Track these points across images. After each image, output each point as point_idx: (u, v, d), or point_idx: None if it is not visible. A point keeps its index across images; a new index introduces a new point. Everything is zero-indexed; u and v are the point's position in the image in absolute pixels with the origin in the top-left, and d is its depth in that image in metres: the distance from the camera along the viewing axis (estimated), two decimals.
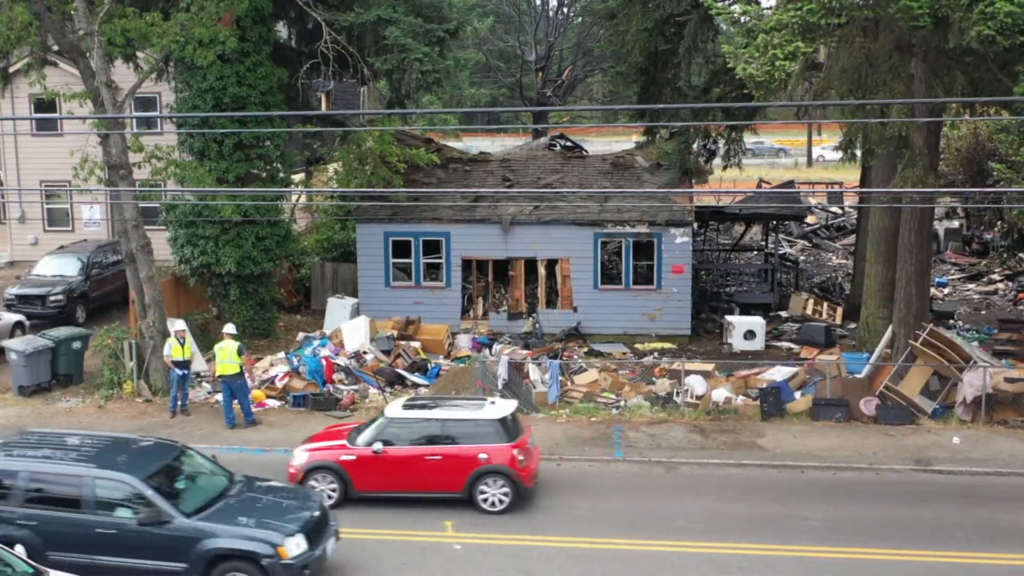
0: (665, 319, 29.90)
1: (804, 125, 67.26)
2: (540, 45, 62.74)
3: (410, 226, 30.47)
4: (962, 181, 40.96)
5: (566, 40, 65.93)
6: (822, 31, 20.60)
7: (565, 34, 65.45)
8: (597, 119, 57.58)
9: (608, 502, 18.90)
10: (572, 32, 66.14)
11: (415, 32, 29.10)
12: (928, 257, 25.76)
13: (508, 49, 68.01)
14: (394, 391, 25.08)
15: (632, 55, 30.62)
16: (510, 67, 68.56)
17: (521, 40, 64.66)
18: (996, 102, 23.50)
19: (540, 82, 62.08)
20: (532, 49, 63.08)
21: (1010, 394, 22.84)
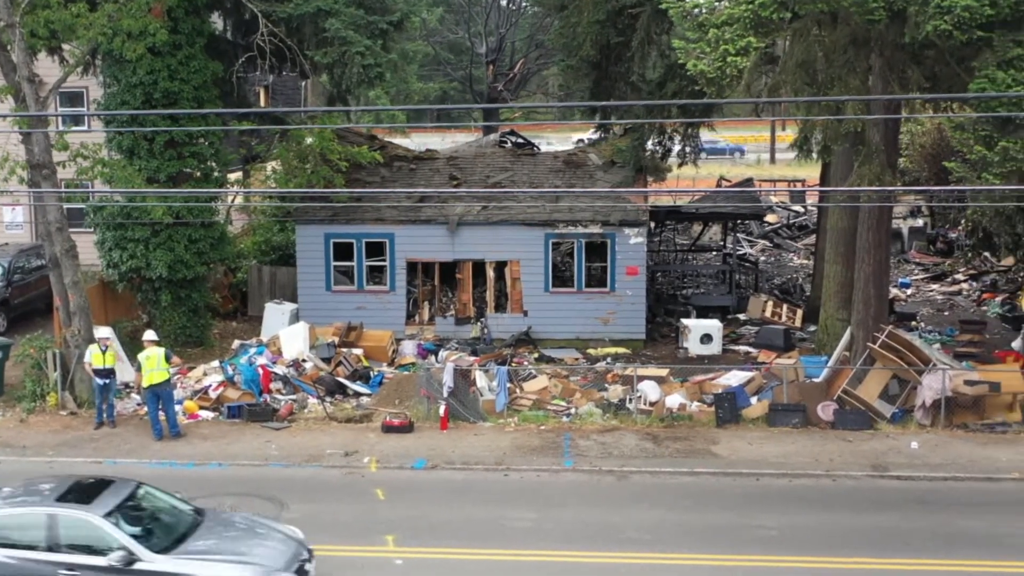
0: (619, 323, 30.22)
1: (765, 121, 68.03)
2: (491, 37, 63.03)
3: (352, 227, 30.55)
4: (926, 178, 41.81)
5: (518, 32, 66.26)
6: (775, 25, 21.00)
7: (517, 26, 65.78)
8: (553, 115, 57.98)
9: (556, 513, 19.13)
10: (525, 24, 66.49)
11: (357, 24, 29.16)
12: (887, 257, 26.29)
13: (458, 41, 68.28)
14: (334, 400, 25.19)
15: (583, 48, 30.93)
16: (460, 60, 68.84)
17: (472, 32, 64.90)
18: (949, 98, 24.06)
19: (491, 76, 62.35)
20: (483, 41, 63.36)
21: (969, 397, 23.39)
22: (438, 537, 18.05)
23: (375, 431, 23.33)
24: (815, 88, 22.66)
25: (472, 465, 21.44)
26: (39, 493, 15.94)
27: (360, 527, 18.45)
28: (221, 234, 30.05)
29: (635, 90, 31.47)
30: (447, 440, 22.78)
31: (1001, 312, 34.17)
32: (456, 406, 23.75)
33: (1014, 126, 20.19)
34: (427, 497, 19.93)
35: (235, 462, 21.72)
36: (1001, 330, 32.07)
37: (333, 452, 22.09)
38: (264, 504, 19.28)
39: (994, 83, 19.89)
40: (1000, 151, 20.11)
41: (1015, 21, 20.42)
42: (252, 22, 29.67)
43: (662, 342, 30.96)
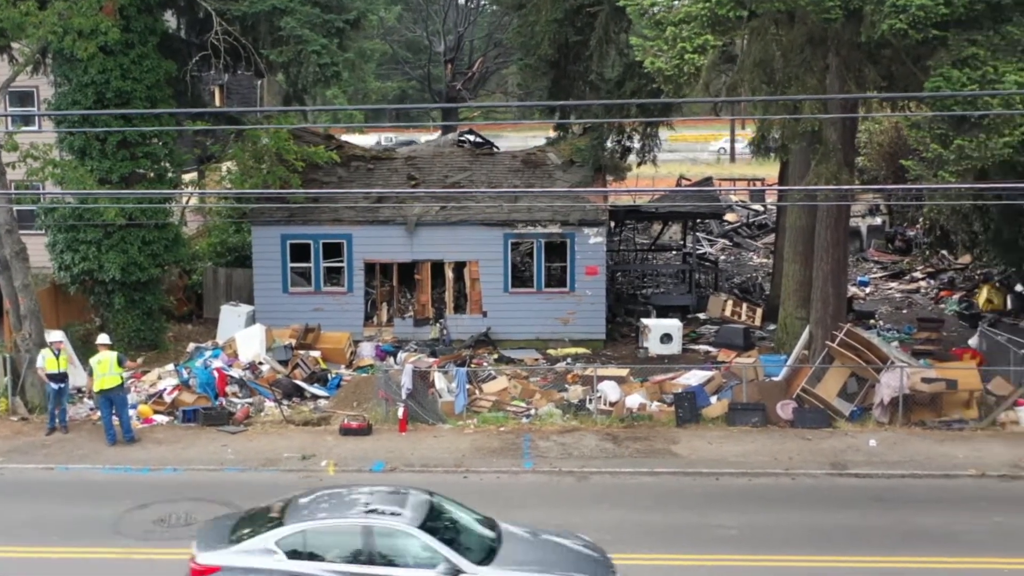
0: (579, 323, 30.32)
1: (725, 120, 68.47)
2: (449, 36, 63.02)
3: (309, 228, 30.45)
4: (884, 177, 42.24)
5: (477, 31, 66.28)
6: (732, 24, 21.13)
7: (476, 24, 65.80)
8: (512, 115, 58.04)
9: (516, 514, 18.99)
10: (483, 22, 66.53)
11: (312, 23, 29.07)
12: (845, 255, 26.54)
13: (416, 40, 68.20)
14: (292, 403, 25.07)
15: (542, 47, 31.05)
16: (419, 59, 68.76)
17: (430, 31, 64.87)
18: (905, 97, 24.31)
19: (450, 75, 62.34)
20: (441, 40, 63.33)
21: (927, 395, 23.66)
22: None
23: (333, 434, 23.24)
24: (772, 87, 22.86)
25: (431, 467, 21.41)
26: (343, 505, 15.16)
27: None
28: (176, 236, 29.83)
29: (594, 89, 31.61)
30: (406, 442, 22.74)
31: (958, 310, 34.60)
32: (415, 408, 23.71)
33: (969, 124, 20.40)
34: None
35: (190, 467, 21.55)
36: (958, 327, 32.48)
37: (290, 456, 21.98)
38: (220, 509, 19.11)
39: (949, 82, 20.10)
40: (955, 149, 20.31)
41: (970, 20, 20.65)
42: (206, 20, 29.54)
43: (622, 342, 31.09)
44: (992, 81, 19.88)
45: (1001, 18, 20.69)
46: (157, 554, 17.59)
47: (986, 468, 21.23)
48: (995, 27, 20.63)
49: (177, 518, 18.87)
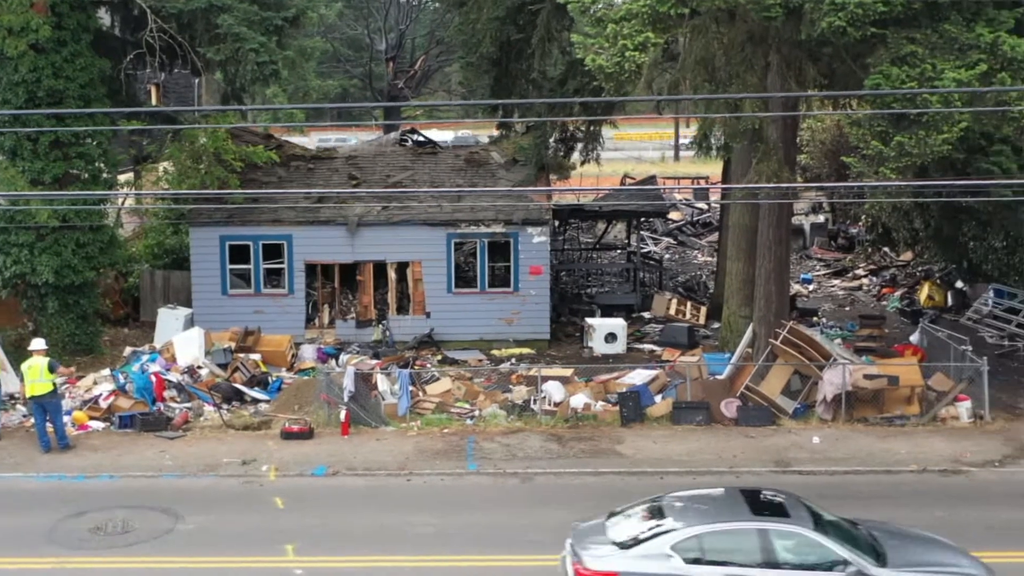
0: (523, 323, 30.37)
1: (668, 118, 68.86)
2: (391, 34, 62.84)
3: (248, 229, 30.20)
4: (827, 175, 42.71)
5: (419, 28, 66.16)
6: (673, 21, 21.27)
7: (417, 22, 65.68)
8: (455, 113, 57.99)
9: (460, 517, 19.15)
10: (425, 20, 66.42)
11: (250, 20, 28.82)
12: (787, 253, 26.85)
13: (358, 38, 67.91)
14: (232, 408, 24.86)
15: (483, 45, 31.04)
16: (360, 56, 68.47)
17: (371, 28, 64.63)
18: (845, 95, 24.66)
19: (391, 73, 62.16)
20: (383, 38, 63.14)
21: (869, 391, 23.98)
22: (339, 545, 17.94)
23: (274, 438, 23.08)
24: (714, 85, 23.05)
25: (374, 471, 21.35)
26: (722, 507, 15.33)
27: (259, 537, 18.23)
28: (111, 238, 29.47)
29: (536, 87, 31.66)
30: (348, 446, 22.64)
31: (900, 306, 35.12)
32: (357, 411, 23.61)
33: (908, 121, 20.70)
34: (328, 504, 19.80)
35: (127, 474, 21.29)
36: (900, 324, 32.98)
37: (230, 461, 21.80)
38: (158, 516, 18.97)
39: (889, 79, 20.40)
40: (895, 146, 20.58)
41: (908, 18, 20.98)
42: (141, 18, 29.19)
43: (567, 342, 31.18)
44: (931, 79, 20.20)
45: (939, 16, 21.05)
46: (93, 563, 17.39)
47: (927, 463, 21.58)
48: (933, 25, 20.98)
49: (114, 526, 18.64)
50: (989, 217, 28.16)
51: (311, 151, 35.34)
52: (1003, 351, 29.91)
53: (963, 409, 24.11)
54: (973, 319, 32.71)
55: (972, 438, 23.10)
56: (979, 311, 32.85)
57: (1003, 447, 22.66)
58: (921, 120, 20.32)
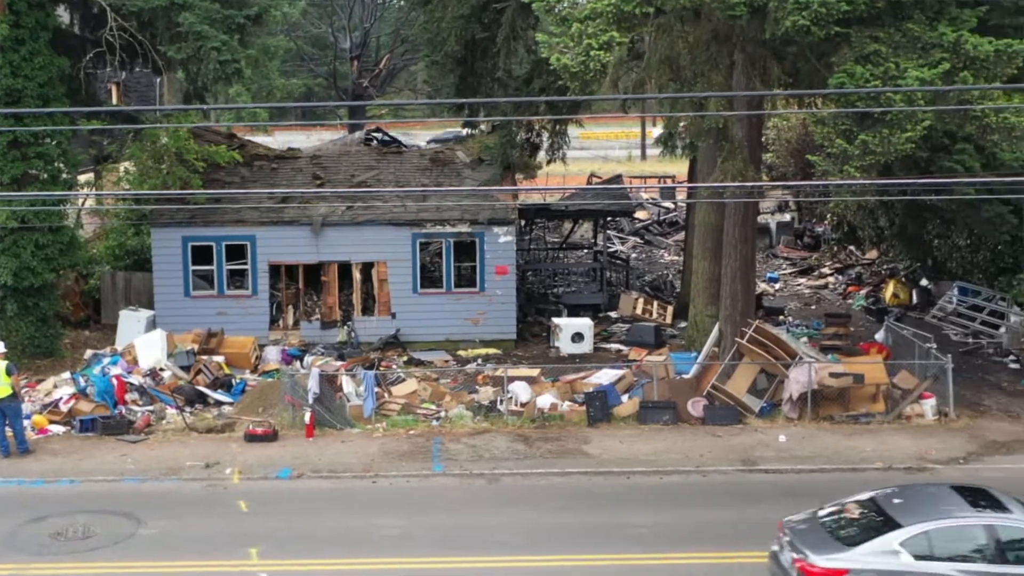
0: (489, 323, 30.36)
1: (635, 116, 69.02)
2: (356, 32, 62.67)
3: (211, 230, 30.02)
4: (792, 173, 42.96)
5: (384, 27, 66.02)
6: (638, 20, 21.34)
7: (382, 20, 65.54)
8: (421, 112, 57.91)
9: (426, 518, 19.14)
10: (390, 18, 66.29)
11: (212, 18, 28.63)
12: (753, 252, 26.98)
13: (322, 36, 67.67)
14: (195, 410, 24.73)
15: (448, 44, 31.03)
16: (325, 55, 68.24)
17: (335, 27, 64.40)
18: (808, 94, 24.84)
19: (356, 72, 62.00)
20: (347, 36, 62.93)
21: (835, 389, 24.18)
22: (304, 548, 17.89)
23: (238, 441, 22.98)
24: (679, 84, 23.15)
25: (339, 473, 21.31)
26: (939, 503, 15.53)
27: (223, 541, 18.16)
28: (71, 239, 29.22)
29: (502, 86, 31.70)
30: (313, 448, 22.58)
31: (866, 305, 35.41)
32: (322, 413, 23.55)
33: (872, 120, 20.88)
34: (293, 507, 19.74)
35: (88, 478, 21.13)
36: (865, 322, 33.24)
37: (193, 464, 21.69)
38: (119, 521, 18.85)
39: (852, 78, 20.57)
40: (860, 145, 20.74)
41: (872, 17, 21.17)
42: (101, 16, 29.00)
43: (533, 342, 31.22)
44: (894, 77, 20.39)
45: (902, 15, 21.26)
46: (53, 569, 17.30)
47: (892, 461, 21.80)
48: (896, 24, 21.18)
49: (74, 531, 18.51)
50: (953, 215, 28.43)
51: (274, 151, 35.18)
52: (967, 348, 30.25)
53: (928, 407, 24.36)
54: (938, 317, 33.03)
55: (937, 435, 23.35)
56: (944, 309, 33.18)
57: (967, 444, 22.92)
58: (885, 119, 20.49)
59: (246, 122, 59.69)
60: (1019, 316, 30.48)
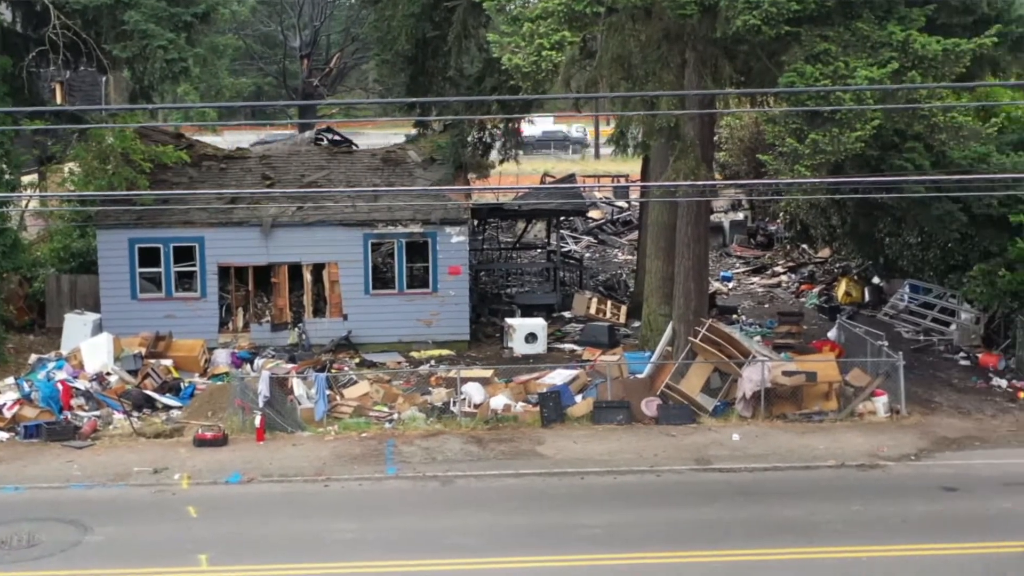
0: (442, 324, 30.37)
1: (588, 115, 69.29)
2: (305, 31, 62.38)
3: (159, 231, 29.80)
4: (746, 172, 43.37)
5: (334, 25, 65.78)
6: (589, 19, 21.47)
7: (332, 18, 65.29)
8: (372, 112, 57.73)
9: (379, 522, 19.11)
10: (340, 16, 66.04)
11: (158, 16, 28.47)
12: (706, 251, 27.22)
13: (271, 34, 67.33)
14: (142, 415, 24.53)
15: (399, 42, 31.00)
16: (274, 54, 67.90)
17: (284, 25, 64.08)
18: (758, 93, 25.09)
19: (306, 71, 61.73)
20: (297, 35, 62.64)
21: (788, 387, 24.43)
22: (255, 553, 17.80)
23: (186, 446, 22.82)
24: (631, 83, 23.30)
25: (291, 477, 21.22)
26: None
27: (171, 547, 18.01)
28: (14, 241, 28.89)
29: (453, 85, 31.71)
30: (264, 452, 22.47)
31: (818, 303, 35.81)
32: (273, 416, 23.44)
33: (822, 119, 21.15)
34: (243, 512, 19.64)
35: (33, 485, 20.87)
36: (818, 320, 33.63)
37: (141, 470, 21.50)
38: (65, 528, 18.65)
39: (802, 77, 20.83)
40: (810, 144, 21.00)
41: (821, 16, 21.44)
42: (44, 13, 28.70)
43: (487, 342, 31.25)
44: (844, 76, 20.68)
45: (851, 14, 21.57)
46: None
47: (845, 458, 22.05)
48: (846, 23, 21.49)
49: (19, 540, 18.26)
50: (903, 213, 28.79)
51: (223, 151, 34.96)
52: (919, 346, 30.69)
53: (880, 404, 24.68)
54: (890, 314, 33.49)
55: (888, 432, 23.66)
56: (895, 306, 33.64)
57: (919, 441, 23.24)
58: (835, 118, 20.77)
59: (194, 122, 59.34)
60: (969, 313, 30.95)
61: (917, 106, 21.10)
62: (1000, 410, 25.59)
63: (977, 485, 20.73)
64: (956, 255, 30.38)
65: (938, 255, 31.63)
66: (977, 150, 24.98)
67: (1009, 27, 22.40)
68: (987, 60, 22.61)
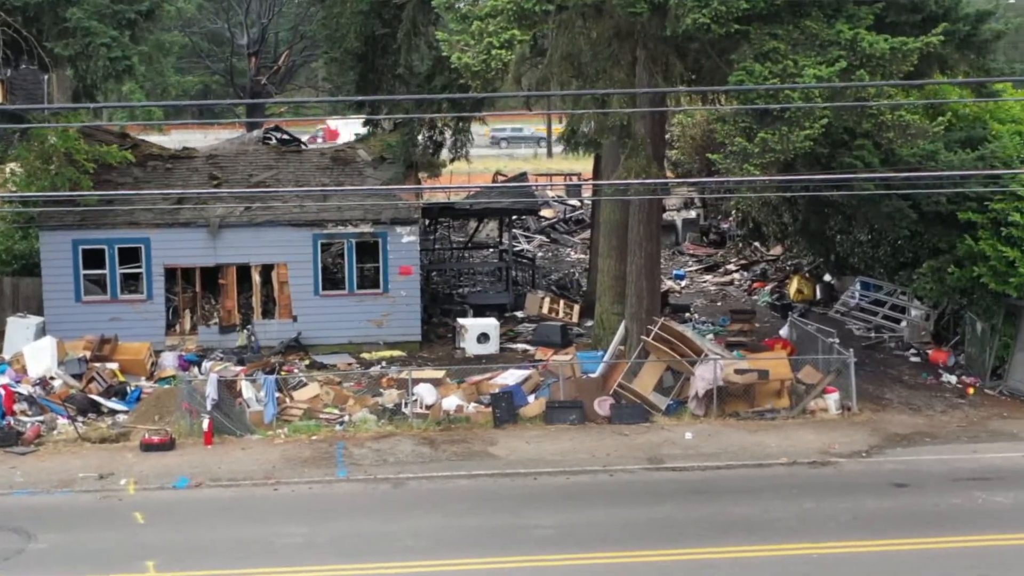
0: (393, 325, 30.33)
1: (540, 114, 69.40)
2: (253, 28, 62.00)
3: (103, 233, 29.53)
4: (698, 170, 43.65)
5: (282, 22, 65.45)
6: (539, 17, 21.53)
7: (280, 15, 64.95)
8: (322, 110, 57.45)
9: (330, 526, 19.07)
10: (289, 13, 65.71)
11: (101, 13, 28.25)
12: (658, 249, 27.39)
13: (218, 32, 66.86)
14: (87, 420, 24.29)
15: (348, 40, 30.92)
16: (222, 52, 67.43)
17: (232, 22, 63.65)
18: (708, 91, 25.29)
19: (254, 69, 61.37)
20: (244, 32, 62.24)
21: (740, 386, 24.65)
22: (203, 559, 17.69)
23: (133, 450, 22.64)
24: (581, 81, 23.39)
25: (240, 481, 21.11)
26: None
27: (118, 554, 17.86)
28: None
29: (403, 83, 31.66)
30: (212, 456, 22.34)
31: (771, 301, 36.14)
32: (221, 419, 23.32)
33: (771, 118, 21.36)
34: (191, 517, 19.51)
35: None
36: (771, 318, 33.94)
37: (86, 475, 21.30)
38: (8, 536, 18.44)
39: (752, 75, 21.03)
40: (759, 142, 21.21)
41: (771, 15, 21.65)
42: None
43: (439, 343, 31.26)
44: (792, 75, 20.89)
45: (800, 12, 21.80)
46: None
47: (797, 456, 22.29)
48: (795, 22, 21.71)
49: None
50: (854, 211, 29.08)
51: (169, 150, 34.70)
52: (870, 343, 31.06)
53: (831, 401, 24.97)
54: (841, 312, 33.86)
55: (840, 429, 23.94)
56: (847, 304, 34.02)
57: (870, 437, 23.54)
58: (784, 116, 20.97)
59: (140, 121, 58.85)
60: (919, 310, 31.36)
61: (865, 104, 21.38)
62: (950, 406, 25.97)
63: (927, 481, 21.03)
64: (906, 252, 30.74)
65: (888, 252, 32.00)
66: (925, 148, 25.29)
67: (956, 25, 22.70)
68: (935, 58, 22.90)
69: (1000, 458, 22.33)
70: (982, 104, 27.85)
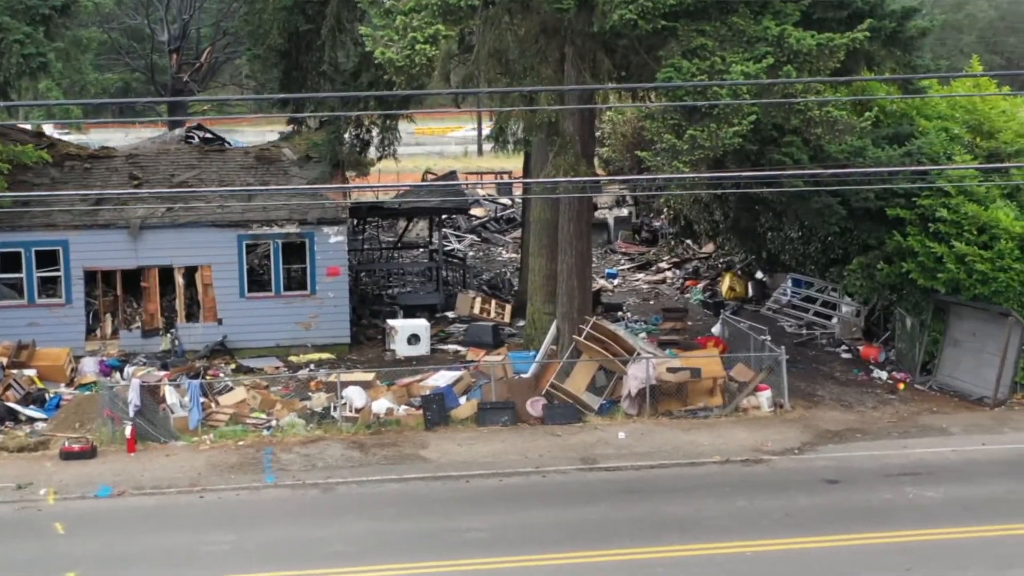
0: (321, 327, 30.19)
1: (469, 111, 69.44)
2: (174, 24, 61.24)
3: (18, 235, 29.04)
4: (629, 167, 43.96)
5: (205, 18, 64.74)
6: (465, 13, 21.58)
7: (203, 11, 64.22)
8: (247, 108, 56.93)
9: (257, 532, 18.95)
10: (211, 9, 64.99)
11: (13, 9, 27.79)
12: (589, 248, 27.57)
13: (138, 28, 65.92)
14: (4, 428, 23.90)
15: (271, 36, 30.81)
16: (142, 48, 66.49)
17: (152, 18, 62.81)
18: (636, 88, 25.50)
19: (175, 66, 60.61)
20: (165, 28, 61.47)
21: (673, 384, 24.89)
22: (126, 569, 17.54)
23: (53, 459, 22.32)
24: (509, 78, 23.48)
25: (164, 488, 20.91)
26: None
27: (37, 566, 17.64)
28: None
29: (328, 80, 31.53)
30: (135, 463, 22.10)
31: (703, 299, 36.53)
32: (144, 426, 23.08)
33: (700, 114, 21.60)
34: (114, 527, 19.29)
35: None
36: (703, 316, 34.30)
37: (4, 486, 20.96)
38: None
39: (680, 72, 21.26)
40: (688, 140, 21.44)
41: (698, 11, 21.90)
42: None
43: (368, 345, 31.17)
44: (720, 71, 21.15)
45: (727, 9, 22.09)
46: None
47: (730, 454, 22.57)
48: (722, 18, 22.00)
49: None
50: (784, 208, 29.48)
51: (87, 149, 34.22)
52: (801, 340, 31.53)
53: (764, 399, 25.32)
54: (773, 309, 34.32)
55: (772, 427, 24.30)
56: (778, 301, 34.48)
57: (802, 434, 23.91)
58: (712, 113, 21.22)
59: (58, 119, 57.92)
60: (850, 307, 31.89)
61: (793, 100, 21.70)
62: (881, 402, 26.46)
63: (859, 477, 21.42)
64: (836, 249, 31.24)
65: (819, 249, 32.50)
66: (853, 144, 25.73)
67: (882, 22, 23.15)
68: (862, 54, 23.34)
69: (930, 453, 22.82)
70: (909, 100, 28.38)
